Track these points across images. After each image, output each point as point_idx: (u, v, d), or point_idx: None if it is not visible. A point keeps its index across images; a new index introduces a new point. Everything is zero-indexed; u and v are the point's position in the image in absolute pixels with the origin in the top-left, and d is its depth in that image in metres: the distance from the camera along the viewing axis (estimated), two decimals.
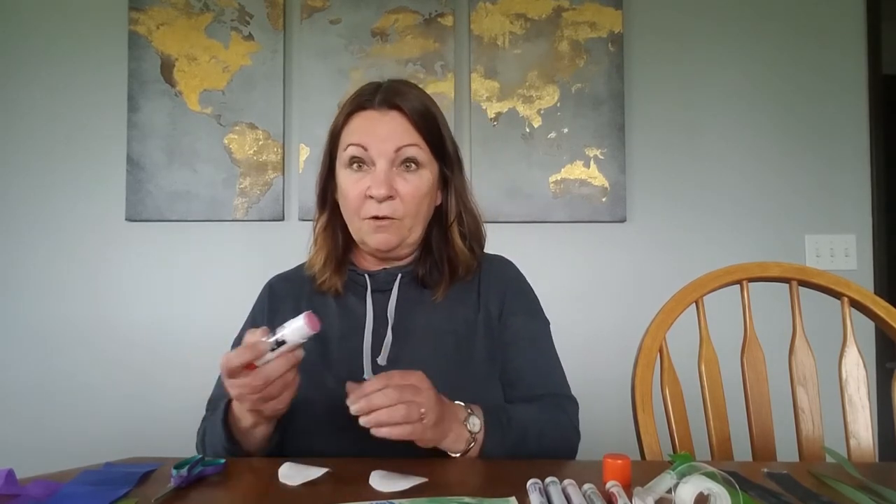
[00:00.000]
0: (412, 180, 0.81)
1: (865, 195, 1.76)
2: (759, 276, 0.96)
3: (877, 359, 1.68)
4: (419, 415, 0.63)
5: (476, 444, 0.70)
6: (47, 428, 1.69)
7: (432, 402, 0.65)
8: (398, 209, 0.80)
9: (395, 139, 0.80)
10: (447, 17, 1.74)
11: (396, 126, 0.81)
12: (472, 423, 0.70)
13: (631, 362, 0.93)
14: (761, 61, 1.78)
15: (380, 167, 0.79)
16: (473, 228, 0.89)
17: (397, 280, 0.85)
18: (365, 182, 0.80)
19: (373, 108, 0.82)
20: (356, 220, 0.83)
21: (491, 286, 0.88)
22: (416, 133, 0.81)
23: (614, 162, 1.73)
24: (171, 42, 1.73)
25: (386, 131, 0.80)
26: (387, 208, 0.79)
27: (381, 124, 0.81)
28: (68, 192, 1.74)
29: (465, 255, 0.87)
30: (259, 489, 0.61)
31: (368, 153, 0.80)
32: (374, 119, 0.81)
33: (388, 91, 0.82)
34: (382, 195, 0.78)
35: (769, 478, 0.64)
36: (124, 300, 1.72)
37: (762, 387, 0.93)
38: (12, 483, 0.56)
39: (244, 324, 0.92)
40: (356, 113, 0.83)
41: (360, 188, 0.80)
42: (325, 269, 0.86)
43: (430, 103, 0.84)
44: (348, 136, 0.82)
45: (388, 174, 0.79)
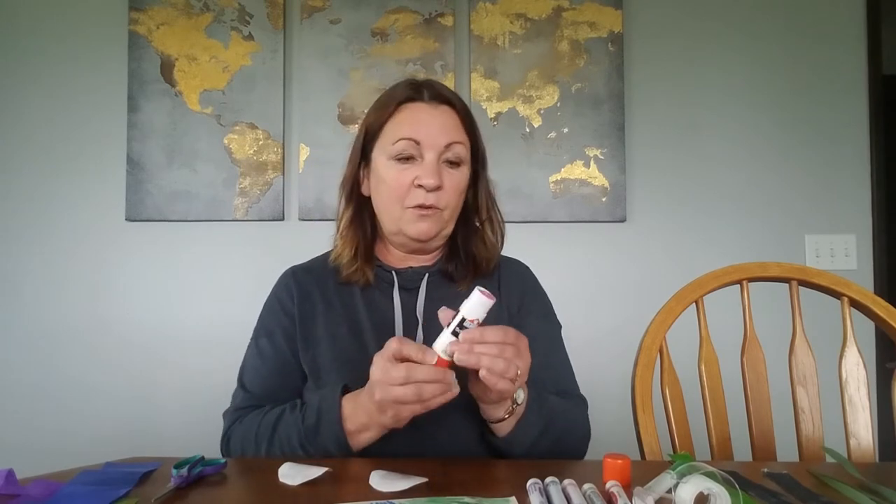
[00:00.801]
0: (455, 174, 0.83)
1: (865, 195, 1.76)
2: (759, 276, 0.96)
3: (877, 359, 1.68)
4: (514, 375, 0.63)
5: (514, 417, 0.71)
6: (47, 428, 1.69)
7: (525, 365, 0.66)
8: (442, 200, 0.82)
9: (446, 134, 0.82)
10: (447, 17, 1.74)
11: (447, 121, 0.82)
12: (518, 394, 0.71)
13: (631, 362, 0.93)
14: (761, 61, 1.78)
15: (430, 159, 0.81)
16: (500, 227, 0.92)
17: (424, 279, 0.86)
18: (412, 172, 0.81)
19: (423, 101, 0.83)
20: (397, 209, 0.83)
21: (512, 287, 0.90)
22: (462, 130, 0.84)
23: (614, 162, 1.73)
24: (171, 42, 1.73)
25: (438, 125, 0.82)
26: (433, 198, 0.81)
27: (433, 118, 0.82)
28: (68, 192, 1.74)
29: (496, 251, 0.90)
30: (259, 489, 0.61)
31: (420, 147, 0.81)
32: (425, 112, 0.82)
33: (438, 87, 0.84)
34: (433, 185, 0.79)
35: (769, 478, 0.64)
36: (124, 300, 1.72)
37: (762, 387, 0.93)
38: (12, 483, 0.56)
39: (266, 312, 0.90)
40: (405, 105, 0.83)
41: (406, 177, 0.81)
42: (354, 260, 0.86)
43: (466, 105, 0.87)
44: (398, 128, 0.82)
45: (437, 166, 0.81)
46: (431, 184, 0.79)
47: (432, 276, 0.87)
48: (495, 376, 0.62)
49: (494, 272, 0.91)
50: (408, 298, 0.85)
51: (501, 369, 0.62)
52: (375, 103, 0.87)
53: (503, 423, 0.72)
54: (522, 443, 0.73)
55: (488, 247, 0.89)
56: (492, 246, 0.89)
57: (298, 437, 0.73)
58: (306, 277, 0.90)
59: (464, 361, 0.62)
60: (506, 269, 0.93)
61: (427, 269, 0.87)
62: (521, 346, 0.65)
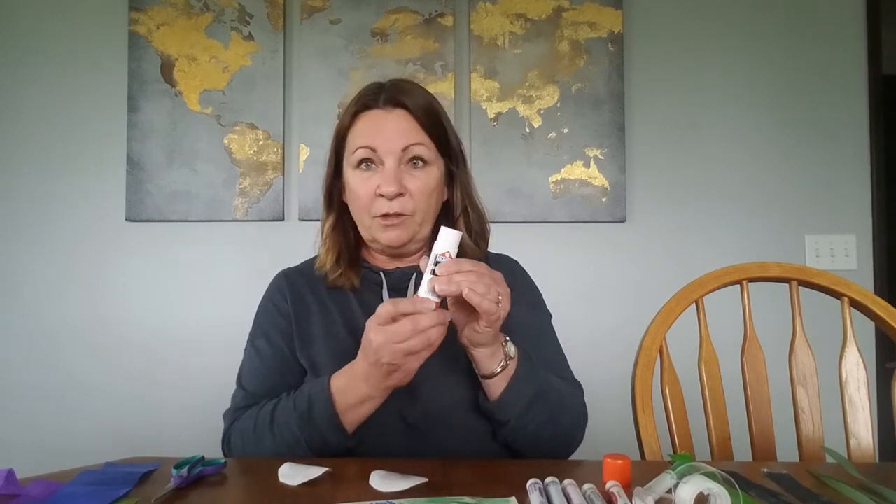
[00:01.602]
0: (420, 176, 0.82)
1: (865, 195, 1.76)
2: (759, 276, 0.96)
3: (877, 359, 1.68)
4: (496, 298, 0.65)
5: (509, 369, 0.73)
6: (47, 428, 1.69)
7: (505, 294, 0.68)
8: (408, 205, 0.81)
9: (402, 138, 0.81)
10: (447, 17, 1.74)
11: (403, 124, 0.82)
12: (509, 348, 0.73)
13: (631, 362, 0.93)
14: (761, 61, 1.78)
15: (388, 165, 0.81)
16: (478, 223, 0.91)
17: (412, 279, 0.86)
18: (374, 181, 0.81)
19: (378, 107, 0.83)
20: (367, 219, 0.84)
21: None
22: (421, 131, 0.83)
23: (614, 162, 1.73)
24: (171, 42, 1.73)
25: (393, 130, 0.81)
26: (397, 205, 0.80)
27: (387, 123, 0.82)
28: (68, 192, 1.74)
29: (473, 249, 0.88)
30: (259, 489, 0.61)
31: (377, 153, 0.81)
32: (380, 118, 0.82)
33: (392, 90, 0.83)
34: (392, 192, 0.79)
35: (769, 478, 0.64)
36: (124, 300, 1.72)
37: (762, 387, 0.93)
38: (12, 483, 0.56)
39: (261, 314, 0.90)
40: (362, 113, 0.84)
41: (369, 187, 0.81)
42: (337, 266, 0.87)
43: (433, 101, 0.86)
44: (355, 138, 0.83)
45: (396, 172, 0.80)
46: (391, 191, 0.79)
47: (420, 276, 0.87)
48: (478, 296, 0.64)
49: None
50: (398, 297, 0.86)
51: (482, 290, 0.64)
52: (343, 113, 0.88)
53: (496, 382, 0.73)
54: (515, 405, 0.73)
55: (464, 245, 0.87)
56: (467, 246, 0.88)
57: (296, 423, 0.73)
58: (299, 280, 0.90)
59: (446, 291, 0.64)
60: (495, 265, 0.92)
61: (414, 270, 0.87)
62: (495, 276, 0.68)
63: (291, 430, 0.73)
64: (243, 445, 0.78)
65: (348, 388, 0.71)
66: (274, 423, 0.75)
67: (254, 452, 0.76)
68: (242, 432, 0.78)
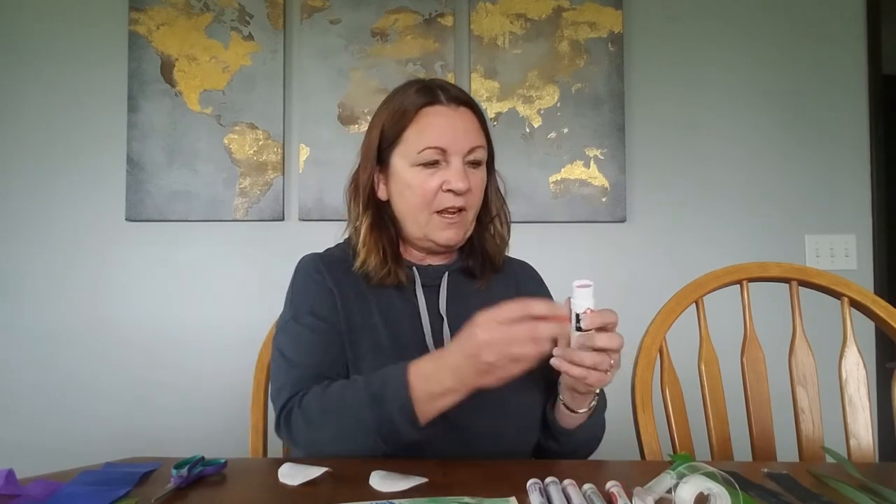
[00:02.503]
0: (478, 175, 0.84)
1: (865, 195, 1.76)
2: (759, 276, 0.96)
3: (877, 359, 1.68)
4: (609, 365, 0.68)
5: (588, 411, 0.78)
6: (47, 428, 1.69)
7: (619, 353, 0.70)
8: (470, 201, 0.83)
9: (470, 138, 0.82)
10: (447, 17, 1.74)
11: (469, 125, 0.83)
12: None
13: (631, 362, 0.93)
14: (761, 61, 1.78)
15: (456, 164, 0.81)
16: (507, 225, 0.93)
17: (445, 277, 0.87)
18: (438, 177, 0.81)
19: (441, 103, 0.82)
20: (424, 216, 0.83)
21: (529, 285, 0.94)
22: (481, 132, 0.85)
23: (614, 162, 1.73)
24: (171, 42, 1.73)
25: (462, 130, 0.82)
26: (461, 200, 0.82)
27: (455, 122, 0.82)
28: (68, 192, 1.74)
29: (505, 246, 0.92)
30: (259, 489, 0.61)
31: (446, 153, 0.81)
32: (447, 116, 0.82)
33: (454, 89, 0.84)
34: (464, 188, 0.80)
35: (769, 478, 0.64)
36: (124, 300, 1.72)
37: (762, 387, 0.93)
38: (12, 483, 0.56)
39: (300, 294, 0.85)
40: (424, 109, 0.82)
41: (434, 183, 0.81)
42: (384, 264, 0.84)
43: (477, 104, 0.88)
44: (421, 136, 0.81)
45: (464, 169, 0.82)
46: (462, 187, 0.80)
47: (452, 273, 0.88)
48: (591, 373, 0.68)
49: (508, 269, 0.93)
50: (429, 296, 0.86)
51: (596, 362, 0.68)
52: (389, 107, 0.85)
53: (577, 416, 0.77)
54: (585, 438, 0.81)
55: (498, 242, 0.91)
56: (501, 241, 0.91)
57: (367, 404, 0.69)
58: (333, 263, 0.87)
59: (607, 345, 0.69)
60: (518, 268, 0.96)
61: (447, 267, 0.88)
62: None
63: (360, 410, 0.69)
64: (306, 427, 0.73)
65: (432, 376, 0.67)
66: (343, 403, 0.71)
67: (316, 438, 0.72)
68: (306, 411, 0.73)
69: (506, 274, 0.93)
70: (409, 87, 0.85)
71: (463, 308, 0.83)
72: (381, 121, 0.85)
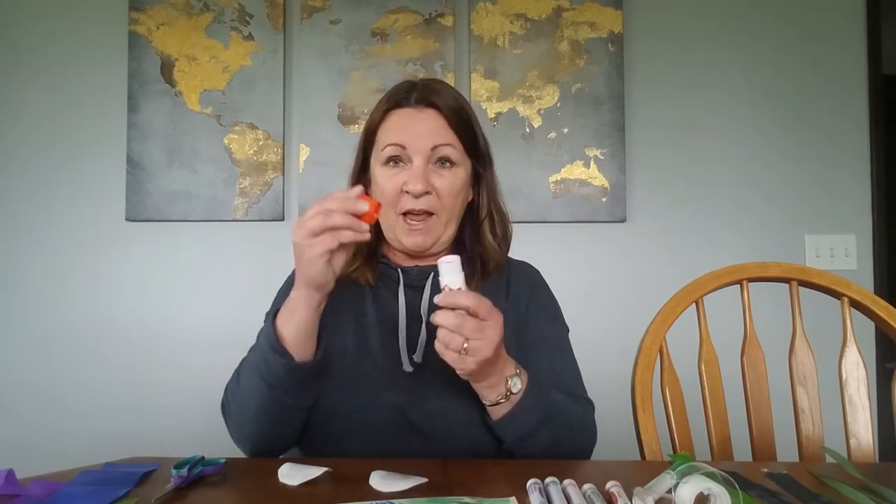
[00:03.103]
0: (447, 176, 0.83)
1: (865, 195, 1.76)
2: (759, 276, 0.96)
3: (877, 359, 1.68)
4: (460, 347, 0.65)
5: (508, 403, 0.72)
6: (47, 428, 1.69)
7: (486, 344, 0.66)
8: (434, 204, 0.82)
9: (431, 137, 0.82)
10: (447, 17, 1.74)
11: (433, 124, 0.82)
12: (514, 383, 0.72)
13: (631, 362, 0.93)
14: (761, 61, 1.78)
15: (416, 164, 0.81)
16: (501, 227, 0.91)
17: (429, 279, 0.86)
18: (401, 177, 0.81)
19: (409, 105, 0.83)
20: (391, 216, 0.83)
21: (520, 290, 0.90)
22: (451, 132, 0.83)
23: (614, 162, 1.73)
24: (171, 42, 1.73)
25: (423, 129, 0.82)
26: (423, 203, 0.81)
27: (417, 122, 0.82)
28: (68, 192, 1.74)
29: (496, 251, 0.89)
30: (259, 489, 0.61)
31: (406, 151, 0.81)
32: (410, 117, 0.83)
33: (423, 89, 0.84)
34: (419, 190, 0.79)
35: (769, 478, 0.64)
36: (124, 300, 1.72)
37: (762, 387, 0.93)
38: (12, 483, 0.56)
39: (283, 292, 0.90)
40: (393, 110, 0.84)
41: (396, 183, 0.81)
42: (353, 261, 0.86)
43: (463, 102, 0.86)
44: (385, 134, 0.83)
45: (424, 170, 0.81)
46: (418, 189, 0.79)
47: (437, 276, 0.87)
48: (441, 344, 0.66)
49: (504, 274, 0.91)
50: (413, 297, 0.85)
51: (446, 339, 0.65)
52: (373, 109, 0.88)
53: (498, 407, 0.72)
54: (515, 431, 0.73)
55: (488, 247, 0.88)
56: (491, 246, 0.88)
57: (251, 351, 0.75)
58: None
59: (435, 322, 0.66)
60: (516, 272, 0.93)
61: (432, 268, 0.86)
62: (488, 321, 0.66)
63: (248, 360, 0.75)
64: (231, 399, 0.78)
65: (285, 306, 0.71)
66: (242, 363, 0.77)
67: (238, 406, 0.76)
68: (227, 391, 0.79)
69: (500, 278, 0.90)
70: (394, 88, 0.86)
71: None
72: (366, 122, 0.88)
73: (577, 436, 0.79)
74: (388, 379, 0.80)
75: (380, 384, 0.79)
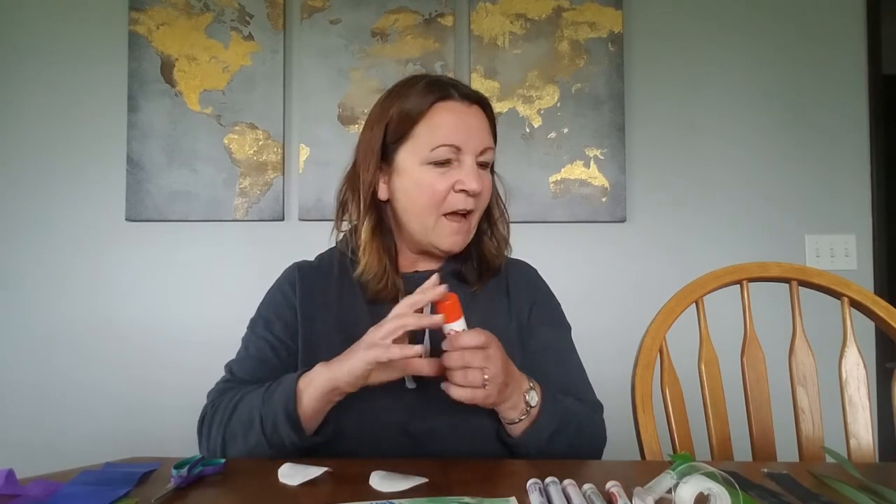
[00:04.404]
0: (487, 176, 0.81)
1: (865, 195, 1.76)
2: (759, 276, 0.96)
3: (877, 359, 1.68)
4: (482, 381, 0.65)
5: (528, 418, 0.72)
6: (47, 428, 1.69)
7: (498, 369, 0.66)
8: (479, 203, 0.80)
9: (482, 138, 0.79)
10: (447, 17, 1.74)
11: (481, 123, 0.80)
12: (531, 397, 0.72)
13: (631, 362, 0.93)
14: (761, 61, 1.78)
15: (469, 163, 0.78)
16: (506, 229, 0.90)
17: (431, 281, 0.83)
18: (450, 176, 0.77)
19: (455, 99, 0.78)
20: (431, 218, 0.79)
21: (521, 294, 0.88)
22: (491, 134, 0.82)
23: (614, 162, 1.73)
24: (171, 42, 1.73)
25: (476, 128, 0.79)
26: (473, 202, 0.79)
27: (470, 119, 0.79)
28: (68, 192, 1.74)
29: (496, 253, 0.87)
30: (259, 489, 0.60)
31: (460, 152, 0.77)
32: (461, 113, 0.78)
33: (464, 86, 0.81)
34: (478, 189, 0.77)
35: (769, 478, 0.64)
36: (124, 300, 1.72)
37: (762, 387, 0.93)
38: (12, 483, 0.56)
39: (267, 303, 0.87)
40: (440, 103, 0.78)
41: (445, 183, 0.77)
42: (384, 273, 0.81)
43: None
44: (435, 132, 0.77)
45: (477, 169, 0.79)
46: (477, 188, 0.77)
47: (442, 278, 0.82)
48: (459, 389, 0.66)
49: (502, 274, 0.89)
50: None
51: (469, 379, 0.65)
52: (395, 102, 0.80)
53: (518, 424, 0.72)
54: (535, 443, 0.73)
55: (497, 245, 0.87)
56: (501, 245, 0.88)
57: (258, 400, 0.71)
58: (311, 275, 0.86)
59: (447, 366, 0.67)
60: (514, 273, 0.90)
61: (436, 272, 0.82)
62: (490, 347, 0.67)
63: (252, 409, 0.71)
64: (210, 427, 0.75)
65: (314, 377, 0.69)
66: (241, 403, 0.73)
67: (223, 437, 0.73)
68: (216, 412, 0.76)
69: (499, 279, 0.88)
70: (416, 81, 0.80)
71: None
72: (386, 116, 0.80)
73: (590, 439, 0.79)
74: (389, 397, 0.76)
75: (381, 403, 0.76)
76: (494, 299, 0.86)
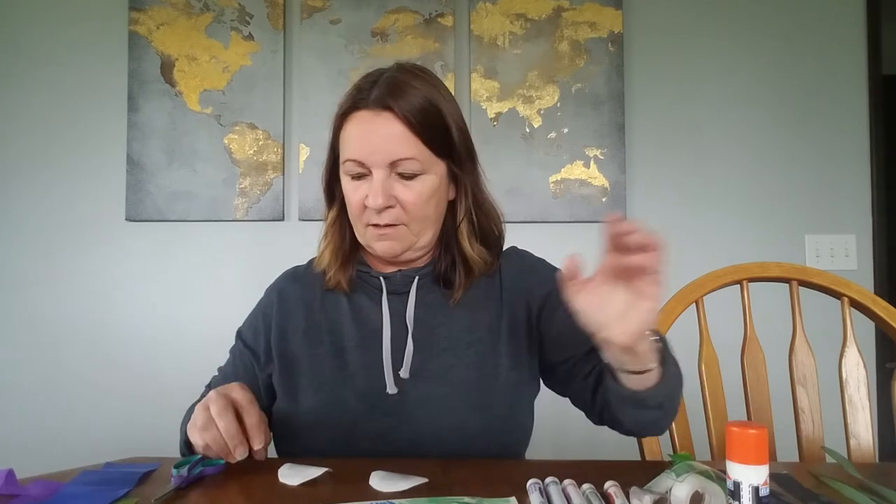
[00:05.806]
0: (413, 187, 0.74)
1: (865, 195, 1.76)
2: (759, 276, 0.96)
3: (877, 359, 1.68)
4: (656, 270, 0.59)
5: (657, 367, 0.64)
6: (47, 428, 1.69)
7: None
8: (400, 216, 0.75)
9: (389, 151, 0.72)
10: (447, 17, 1.74)
11: (390, 133, 0.72)
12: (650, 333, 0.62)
13: None
14: (761, 61, 1.77)
15: (376, 177, 0.73)
16: (486, 225, 0.84)
17: (414, 283, 0.80)
18: (363, 190, 0.75)
19: (367, 108, 0.73)
20: (360, 226, 0.78)
21: (515, 286, 0.83)
22: (412, 138, 0.73)
23: (614, 162, 1.73)
24: (171, 42, 1.73)
25: (380, 140, 0.72)
26: (387, 217, 0.75)
27: (375, 130, 0.73)
28: (68, 192, 1.74)
29: (480, 253, 0.82)
30: (259, 489, 0.61)
31: (365, 166, 0.74)
32: (368, 122, 0.73)
33: (384, 86, 0.73)
34: (380, 205, 0.73)
35: (769, 478, 0.64)
36: (124, 300, 1.72)
37: (762, 387, 0.93)
38: (12, 483, 0.56)
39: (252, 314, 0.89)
40: (351, 115, 0.75)
41: (359, 196, 0.75)
42: (331, 264, 0.82)
43: (433, 96, 0.75)
44: (345, 145, 0.76)
45: (385, 184, 0.73)
46: (378, 204, 0.72)
47: (423, 279, 0.81)
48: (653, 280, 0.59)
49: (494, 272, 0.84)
50: (398, 303, 0.80)
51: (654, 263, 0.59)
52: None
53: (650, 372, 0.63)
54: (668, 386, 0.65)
55: (465, 251, 0.81)
56: (468, 250, 0.81)
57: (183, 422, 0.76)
58: (292, 288, 0.86)
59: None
60: (506, 271, 0.84)
61: (417, 272, 0.81)
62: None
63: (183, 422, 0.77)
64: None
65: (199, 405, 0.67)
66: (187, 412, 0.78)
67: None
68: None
69: (492, 279, 0.83)
70: (359, 81, 0.77)
71: (433, 320, 0.79)
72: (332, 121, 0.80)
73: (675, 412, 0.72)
74: (368, 406, 0.75)
75: (360, 413, 0.74)
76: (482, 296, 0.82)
